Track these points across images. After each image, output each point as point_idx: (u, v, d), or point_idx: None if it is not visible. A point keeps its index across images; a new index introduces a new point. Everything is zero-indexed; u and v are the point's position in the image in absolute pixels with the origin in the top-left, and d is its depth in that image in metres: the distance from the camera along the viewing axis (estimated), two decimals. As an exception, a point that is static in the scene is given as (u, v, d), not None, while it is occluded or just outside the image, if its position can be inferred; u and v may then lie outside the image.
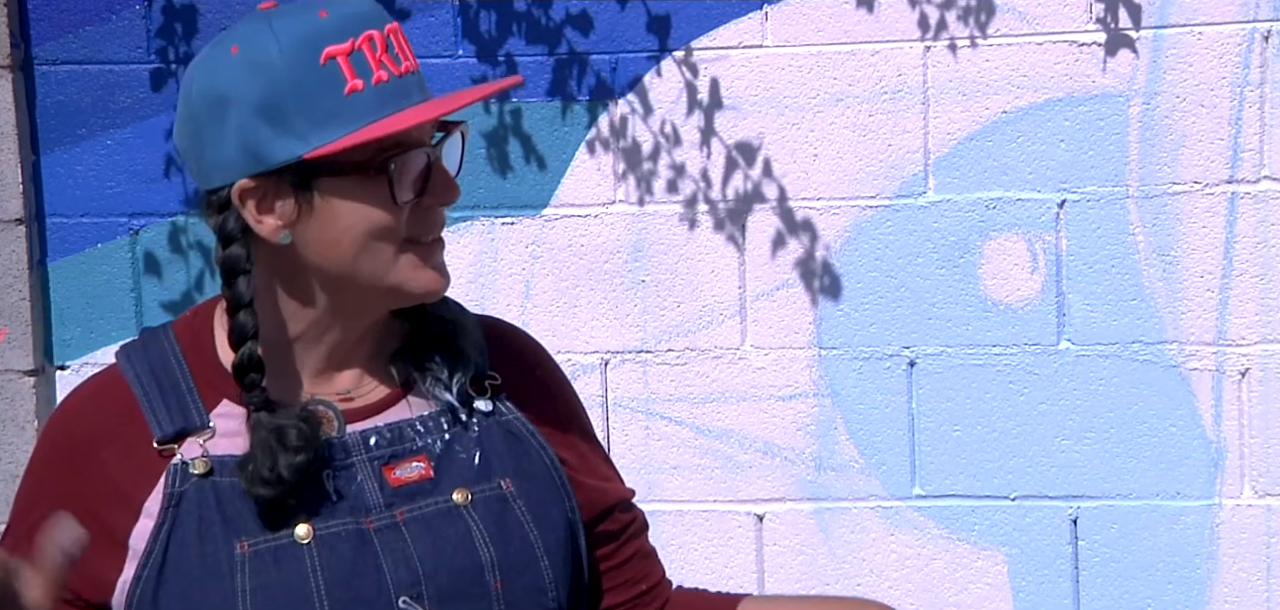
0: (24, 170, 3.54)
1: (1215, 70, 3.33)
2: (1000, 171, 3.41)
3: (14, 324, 3.55)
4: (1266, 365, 3.39)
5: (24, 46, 3.55)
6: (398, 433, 1.64)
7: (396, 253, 1.59)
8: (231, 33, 1.58)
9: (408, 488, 1.62)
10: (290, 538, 1.56)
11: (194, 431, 1.59)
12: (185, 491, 1.57)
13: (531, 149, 3.51)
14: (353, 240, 1.57)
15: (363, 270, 1.59)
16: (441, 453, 1.64)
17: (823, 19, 3.42)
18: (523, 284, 3.54)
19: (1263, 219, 3.36)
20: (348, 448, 1.61)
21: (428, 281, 1.62)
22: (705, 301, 3.50)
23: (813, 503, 3.53)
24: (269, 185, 1.56)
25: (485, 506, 1.63)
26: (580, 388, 3.52)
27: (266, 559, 1.55)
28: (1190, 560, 3.46)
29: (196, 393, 1.61)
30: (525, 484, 1.67)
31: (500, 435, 1.68)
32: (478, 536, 1.62)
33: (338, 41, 1.54)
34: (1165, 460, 3.43)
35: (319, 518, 1.58)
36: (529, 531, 1.64)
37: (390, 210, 1.57)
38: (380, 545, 1.58)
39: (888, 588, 3.53)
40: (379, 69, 1.55)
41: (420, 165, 1.58)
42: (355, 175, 1.56)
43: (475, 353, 1.70)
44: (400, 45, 1.59)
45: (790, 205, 3.46)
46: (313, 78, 1.53)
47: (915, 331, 3.46)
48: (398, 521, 1.60)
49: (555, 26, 3.48)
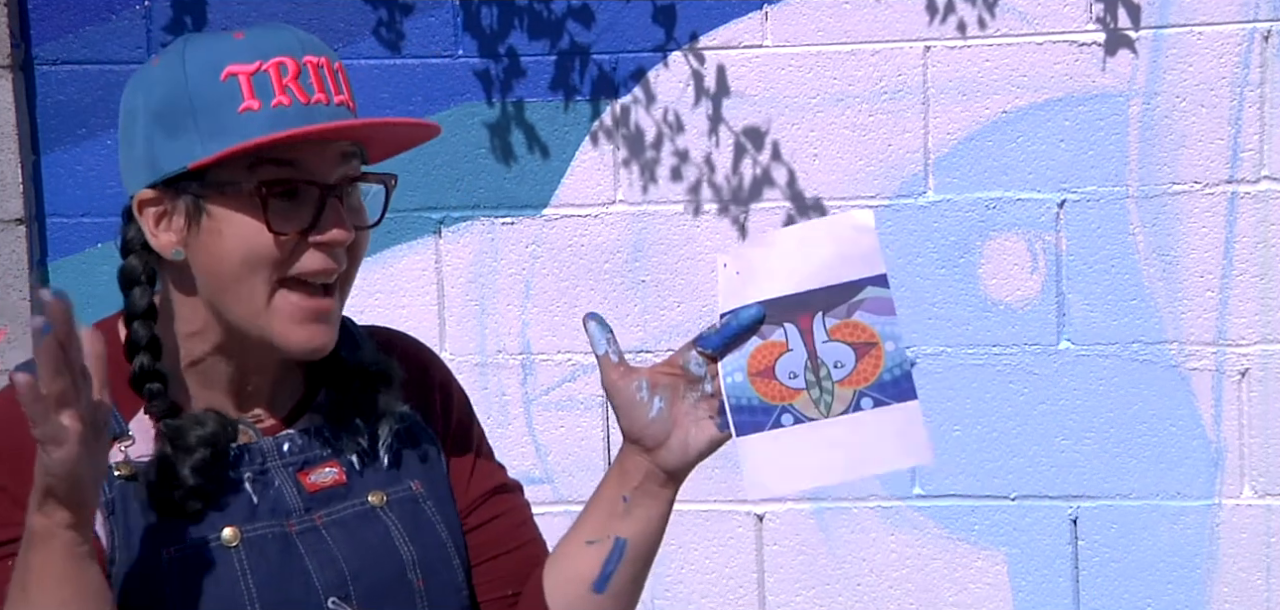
0: (24, 170, 3.54)
1: (1215, 70, 3.33)
2: (1000, 171, 3.41)
3: (14, 324, 3.55)
4: (1266, 365, 3.39)
5: (24, 46, 3.55)
6: (308, 439, 1.65)
7: (271, 290, 1.55)
8: (162, 51, 1.60)
9: (323, 492, 1.63)
10: (218, 540, 1.56)
11: (115, 439, 1.56)
12: (113, 498, 1.55)
13: (532, 149, 3.51)
14: (230, 265, 1.55)
15: (240, 304, 1.56)
16: (350, 458, 1.66)
17: (823, 19, 3.42)
18: (523, 284, 3.54)
19: (1263, 219, 3.36)
20: (264, 453, 1.62)
21: (299, 340, 1.57)
22: (705, 301, 3.50)
23: (813, 503, 3.53)
24: (168, 199, 1.56)
25: (400, 508, 1.66)
26: (580, 388, 3.54)
27: (194, 563, 1.55)
28: (1190, 560, 3.46)
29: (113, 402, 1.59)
30: (430, 485, 1.69)
31: (405, 439, 1.70)
32: (397, 537, 1.64)
33: (243, 62, 1.54)
34: (1165, 460, 3.43)
35: (243, 521, 1.58)
36: (439, 530, 1.68)
37: (266, 239, 1.54)
38: (304, 548, 1.59)
39: (888, 588, 3.53)
40: (282, 93, 1.53)
41: (305, 195, 1.55)
42: (242, 197, 1.53)
43: (398, 405, 1.69)
44: (321, 80, 1.56)
45: (791, 205, 3.46)
46: (211, 92, 1.53)
47: (915, 331, 3.46)
48: (317, 525, 1.61)
49: (556, 22, 3.48)
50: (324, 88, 1.56)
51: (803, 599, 3.55)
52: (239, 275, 1.55)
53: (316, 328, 1.57)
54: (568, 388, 3.55)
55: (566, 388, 3.55)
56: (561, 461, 3.56)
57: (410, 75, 3.49)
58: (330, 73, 1.57)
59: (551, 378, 3.55)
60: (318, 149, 1.55)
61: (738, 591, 3.56)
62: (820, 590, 3.54)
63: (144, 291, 1.59)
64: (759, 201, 3.47)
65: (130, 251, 1.60)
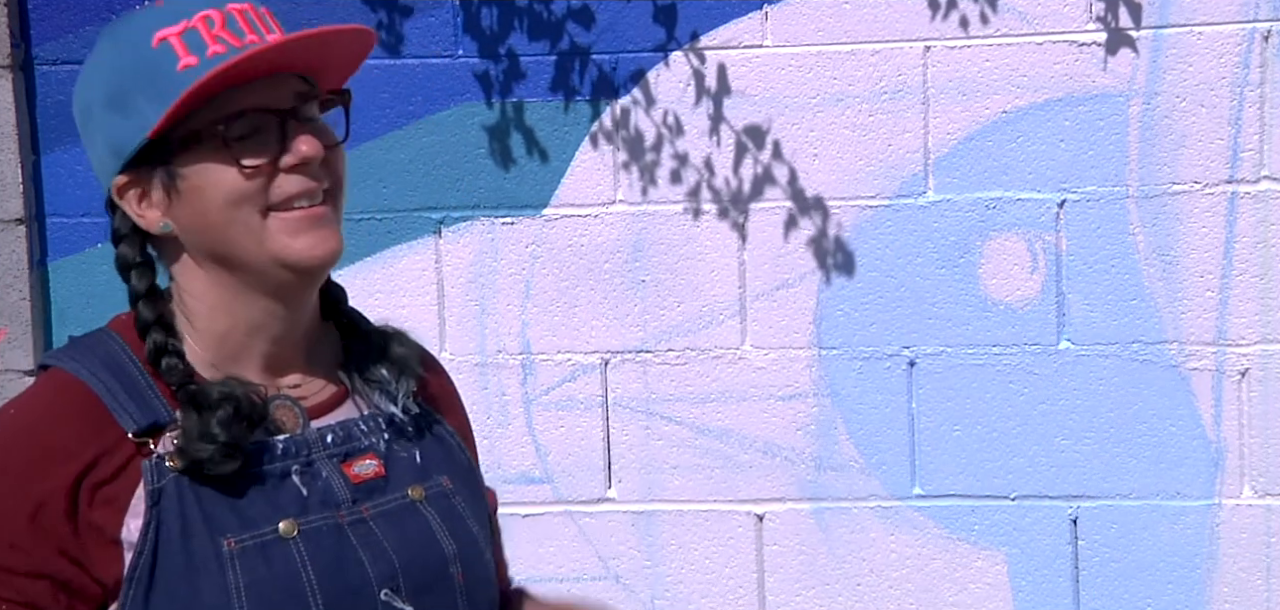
0: (24, 170, 3.54)
1: (1215, 70, 3.33)
2: (1000, 171, 3.41)
3: (14, 324, 3.55)
4: (1266, 365, 3.39)
5: (24, 46, 3.55)
6: (347, 431, 1.66)
7: (263, 219, 1.57)
8: (91, 50, 1.62)
9: (366, 484, 1.64)
10: (275, 533, 1.57)
11: (164, 426, 1.57)
12: (164, 487, 1.55)
13: (532, 149, 3.51)
14: (216, 212, 1.57)
15: (238, 244, 1.58)
16: (386, 452, 1.68)
17: (823, 19, 3.42)
18: (523, 284, 3.54)
19: (1263, 219, 3.36)
20: (309, 444, 1.63)
21: (303, 247, 1.58)
22: (705, 301, 3.50)
23: (813, 503, 3.53)
24: (141, 178, 1.59)
25: (437, 502, 1.68)
26: (580, 387, 3.54)
27: (255, 555, 1.56)
28: (1190, 560, 3.46)
29: (156, 388, 1.59)
30: (458, 483, 1.72)
31: (430, 437, 1.73)
32: (438, 530, 1.66)
33: (169, 25, 1.56)
34: (1165, 460, 3.44)
35: (297, 513, 1.59)
36: (471, 525, 1.70)
37: (240, 176, 1.56)
38: (356, 539, 1.61)
39: (888, 588, 3.53)
40: (215, 43, 1.55)
41: (266, 127, 1.57)
42: (204, 146, 1.55)
43: (415, 362, 1.73)
44: (249, 22, 1.58)
45: (790, 205, 3.46)
46: (147, 61, 1.55)
47: (915, 331, 3.46)
48: (365, 517, 1.62)
49: (556, 22, 3.48)
50: (253, 29, 1.57)
51: (803, 599, 3.55)
52: (229, 218, 1.56)
53: (317, 234, 1.58)
54: (568, 388, 3.55)
55: (566, 388, 3.55)
56: (561, 461, 3.56)
57: (410, 75, 3.49)
58: (257, 15, 1.59)
59: (551, 378, 3.55)
60: (268, 84, 1.57)
61: (738, 591, 3.56)
62: (820, 590, 3.54)
63: (142, 273, 1.61)
64: (759, 201, 3.47)
65: (121, 240, 1.62)
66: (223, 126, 1.54)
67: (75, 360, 1.61)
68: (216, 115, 1.55)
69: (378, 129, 3.51)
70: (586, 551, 3.58)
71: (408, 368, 1.71)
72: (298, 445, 1.62)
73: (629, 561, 3.57)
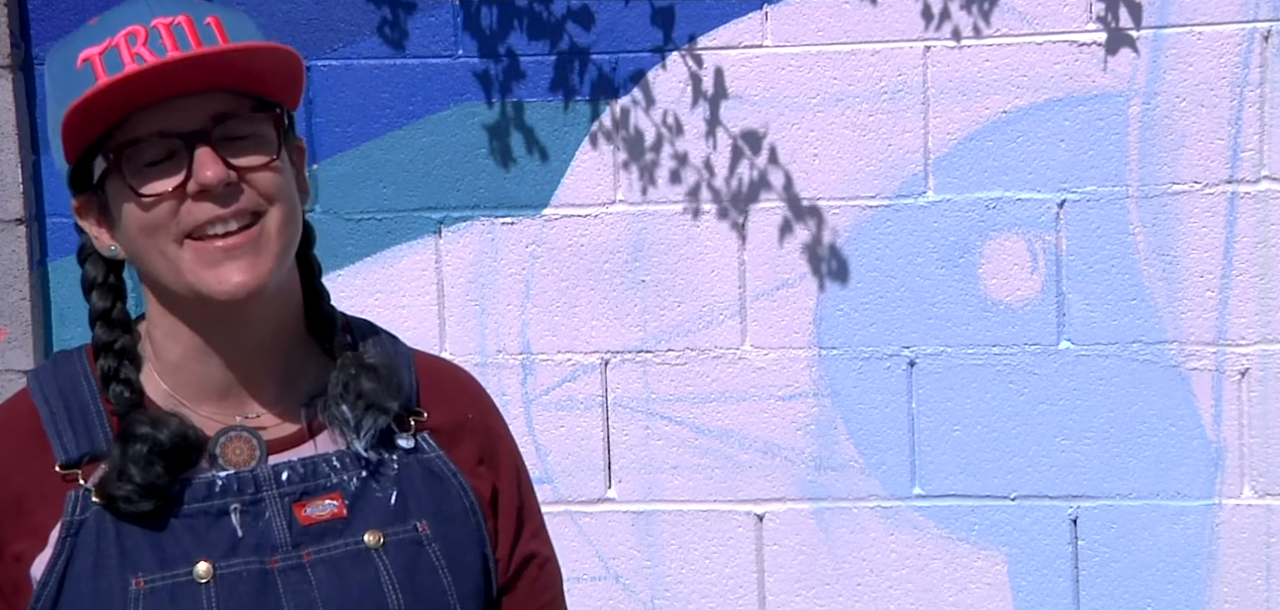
0: (24, 170, 3.54)
1: (1215, 70, 3.33)
2: (1000, 171, 3.41)
3: (14, 324, 3.55)
4: (1266, 365, 3.39)
5: (24, 46, 3.55)
6: (312, 468, 1.57)
7: (179, 247, 1.49)
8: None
9: (318, 527, 1.55)
10: (189, 575, 1.50)
11: (101, 457, 1.52)
12: (84, 521, 1.50)
13: (531, 149, 3.51)
14: (134, 242, 1.52)
15: (160, 273, 1.52)
16: (357, 491, 1.57)
17: (823, 19, 3.42)
18: (523, 284, 3.54)
19: (1263, 219, 3.36)
20: (258, 481, 1.55)
21: (214, 281, 1.49)
22: (705, 301, 3.50)
23: (813, 503, 3.53)
24: (91, 201, 1.55)
25: (397, 550, 1.56)
26: (580, 388, 3.54)
27: (162, 597, 1.49)
28: (1190, 560, 3.46)
29: (105, 417, 1.54)
30: (442, 527, 1.60)
31: (420, 475, 1.61)
32: (386, 582, 1.55)
33: (94, 44, 1.50)
34: (1165, 460, 3.43)
35: (221, 555, 1.51)
36: (442, 577, 1.58)
37: (142, 204, 1.49)
38: (283, 587, 1.52)
39: (888, 588, 3.53)
40: (132, 62, 1.47)
41: (177, 151, 1.47)
42: (117, 171, 1.49)
43: (390, 399, 1.60)
44: (176, 36, 1.48)
45: (790, 205, 3.46)
46: (70, 84, 1.49)
47: (915, 331, 3.46)
48: (303, 562, 1.53)
49: (556, 22, 3.48)
50: (178, 44, 1.47)
51: (803, 599, 3.55)
52: (145, 247, 1.51)
53: (228, 266, 1.49)
54: (568, 388, 3.55)
55: (566, 388, 3.55)
56: (561, 461, 3.56)
57: (410, 75, 3.49)
58: (191, 26, 1.49)
59: (551, 378, 3.55)
60: (182, 104, 1.48)
61: (738, 591, 3.56)
62: (820, 590, 3.54)
63: (102, 294, 1.58)
64: (759, 202, 3.47)
65: (85, 258, 1.60)
66: (113, 154, 1.48)
67: (38, 380, 1.58)
68: (122, 139, 1.48)
69: (378, 129, 3.51)
70: (586, 551, 3.58)
71: (377, 404, 1.58)
72: (242, 482, 1.54)
73: (629, 561, 3.58)
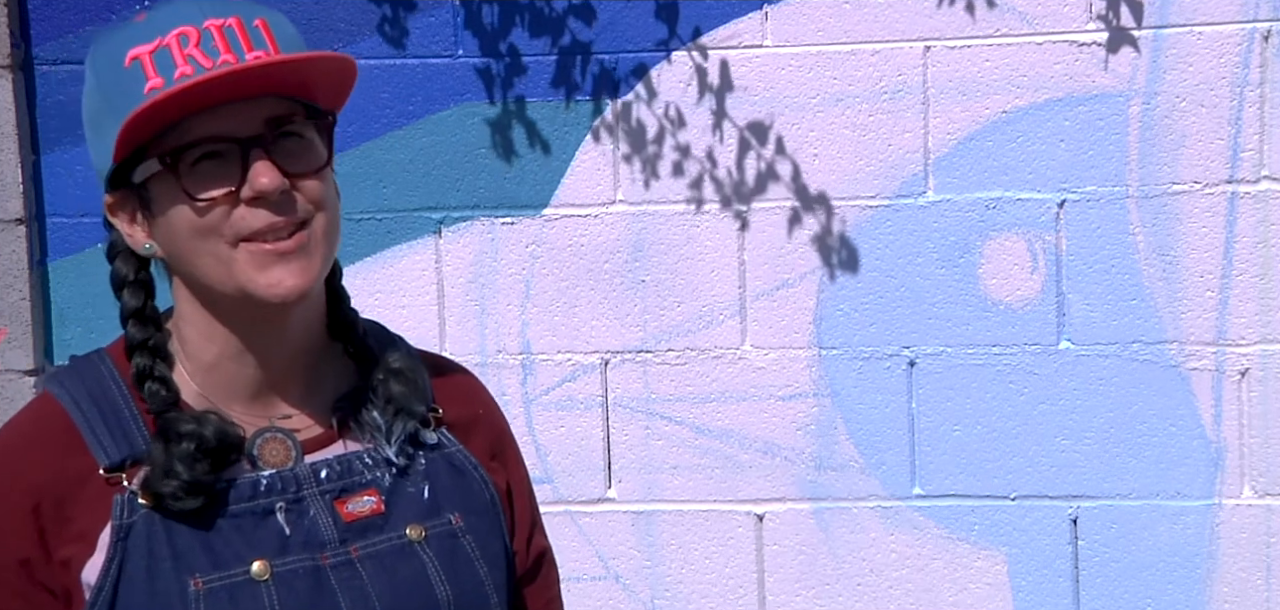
0: (24, 170, 3.54)
1: (1215, 70, 3.33)
2: (1000, 171, 3.41)
3: (14, 324, 3.55)
4: (1266, 365, 3.39)
5: (24, 46, 3.55)
6: (347, 465, 1.59)
7: (232, 249, 1.50)
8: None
9: (360, 523, 1.57)
10: (246, 574, 1.51)
11: (141, 458, 1.52)
12: (133, 523, 1.50)
13: (532, 147, 3.51)
14: (184, 242, 1.51)
15: (208, 274, 1.52)
16: (391, 487, 1.60)
17: (823, 18, 3.42)
18: (523, 284, 3.54)
19: (1263, 219, 3.36)
20: (299, 480, 1.56)
21: (267, 283, 1.50)
22: (705, 301, 3.50)
23: (813, 503, 3.53)
24: (127, 199, 1.55)
25: (438, 543, 1.60)
26: (580, 388, 3.54)
27: (221, 597, 1.50)
28: (1190, 560, 3.46)
29: (140, 418, 1.54)
30: (472, 519, 1.63)
31: (445, 469, 1.64)
32: (433, 574, 1.58)
33: (144, 43, 1.49)
34: (1165, 460, 3.43)
35: (274, 554, 1.52)
36: (479, 568, 1.62)
37: (196, 208, 1.49)
38: (337, 583, 1.54)
39: (888, 588, 3.53)
40: (184, 64, 1.47)
41: (229, 155, 1.48)
42: (170, 174, 1.49)
43: (418, 404, 1.63)
44: (228, 40, 1.49)
45: (790, 205, 3.46)
46: (119, 82, 1.50)
47: (915, 331, 3.46)
48: (352, 558, 1.55)
49: (557, 20, 3.48)
50: (231, 47, 1.48)
51: (803, 599, 3.55)
52: (196, 248, 1.51)
53: (280, 270, 1.50)
54: (568, 388, 3.55)
55: (566, 388, 3.55)
56: (561, 461, 3.56)
57: (410, 74, 3.49)
58: (242, 30, 1.50)
59: (551, 378, 3.55)
60: (236, 109, 1.48)
61: (738, 591, 3.56)
62: (820, 590, 3.54)
63: (134, 291, 1.57)
64: (759, 201, 3.47)
65: (115, 256, 1.58)
66: (170, 158, 1.48)
67: (63, 386, 1.57)
68: (176, 143, 1.48)
69: (378, 129, 3.51)
70: (586, 551, 3.58)
71: (407, 408, 1.62)
72: (284, 481, 1.55)
73: (629, 561, 3.58)
